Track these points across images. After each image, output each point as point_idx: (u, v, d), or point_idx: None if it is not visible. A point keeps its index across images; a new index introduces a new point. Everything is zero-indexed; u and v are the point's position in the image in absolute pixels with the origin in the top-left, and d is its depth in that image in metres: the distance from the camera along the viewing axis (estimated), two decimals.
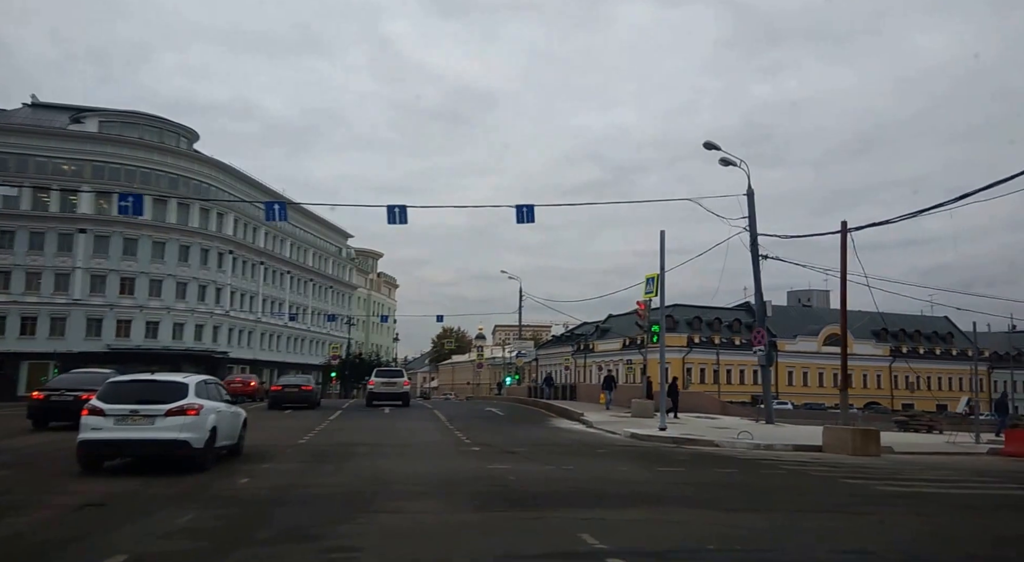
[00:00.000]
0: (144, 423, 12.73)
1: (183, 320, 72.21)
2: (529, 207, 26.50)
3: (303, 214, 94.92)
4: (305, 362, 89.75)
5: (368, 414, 31.40)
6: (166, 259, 71.27)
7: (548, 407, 35.67)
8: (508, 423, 27.61)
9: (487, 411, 34.28)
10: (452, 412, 32.59)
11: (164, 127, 74.26)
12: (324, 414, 30.15)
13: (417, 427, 24.89)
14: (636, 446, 20.36)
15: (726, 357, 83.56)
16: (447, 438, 21.15)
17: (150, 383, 13.98)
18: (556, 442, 20.83)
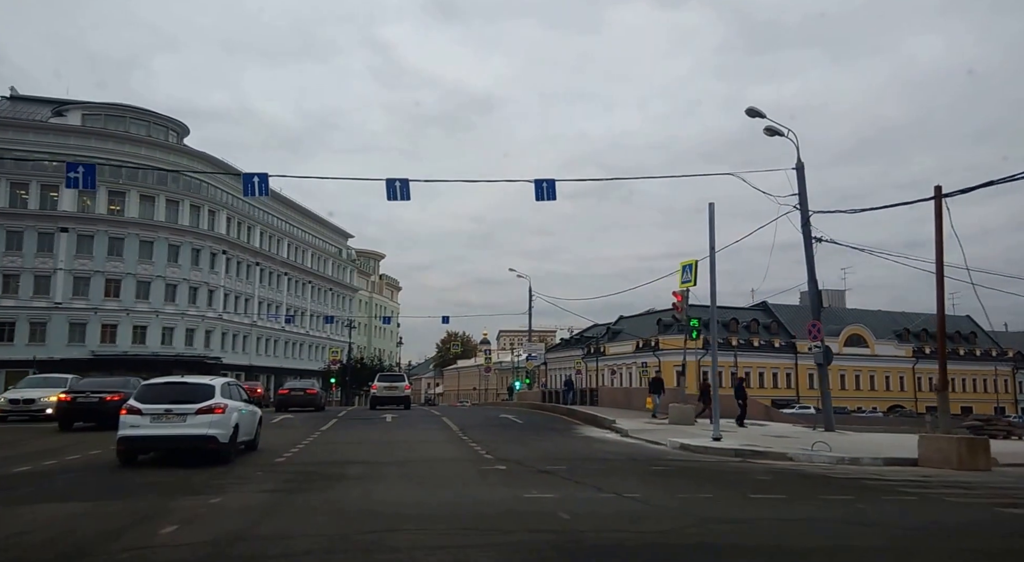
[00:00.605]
0: (177, 421, 14.17)
1: (173, 324, 68.35)
2: (550, 182, 23.00)
3: (301, 213, 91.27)
4: (303, 367, 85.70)
5: (368, 422, 27.60)
6: (154, 259, 67.42)
7: (570, 413, 31.74)
8: (531, 432, 23.68)
9: (502, 418, 30.31)
10: (463, 420, 28.65)
11: (152, 120, 70.53)
12: (318, 422, 26.41)
13: (425, 438, 21.04)
14: (696, 461, 16.42)
15: (744, 359, 79.58)
16: (462, 452, 17.25)
17: (181, 385, 15.33)
18: (597, 456, 16.90)
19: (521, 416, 31.69)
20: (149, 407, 14.18)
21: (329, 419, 28.78)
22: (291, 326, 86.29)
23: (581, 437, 22.29)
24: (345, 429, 24.08)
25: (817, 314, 25.98)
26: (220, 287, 72.69)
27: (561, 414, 32.61)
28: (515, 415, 32.43)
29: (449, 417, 30.27)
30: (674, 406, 26.03)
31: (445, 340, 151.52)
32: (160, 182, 68.70)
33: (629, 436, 22.14)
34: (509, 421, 28.92)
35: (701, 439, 19.84)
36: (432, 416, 32.15)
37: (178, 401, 14.42)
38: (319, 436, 21.08)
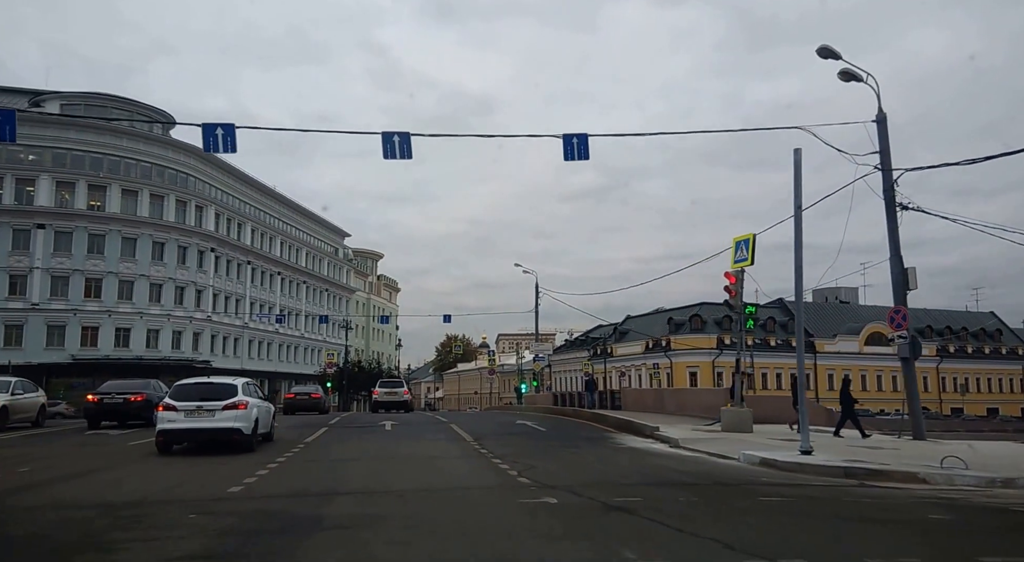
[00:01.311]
0: (206, 416, 16.35)
1: (158, 326, 64.02)
2: (582, 137, 18.95)
3: (295, 210, 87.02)
4: (298, 371, 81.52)
5: (364, 431, 23.34)
6: (138, 257, 63.14)
7: (598, 418, 27.33)
8: (562, 443, 19.35)
9: (521, 425, 25.99)
10: (475, 427, 24.36)
11: (135, 110, 66.11)
12: (305, 431, 22.14)
13: (435, 452, 16.75)
14: (805, 485, 12.03)
15: (761, 359, 75.23)
16: (488, 474, 12.89)
17: (209, 385, 17.65)
18: (667, 479, 12.49)
19: (541, 422, 27.33)
20: (183, 404, 16.34)
21: (320, 426, 24.56)
22: (285, 328, 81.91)
23: (625, 449, 17.93)
24: (337, 440, 19.84)
25: (902, 298, 21.47)
26: (209, 287, 68.40)
27: (586, 420, 28.24)
28: (533, 421, 28.08)
29: (458, 424, 25.94)
30: (728, 410, 21.62)
31: (445, 343, 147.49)
32: (144, 175, 64.44)
33: (682, 447, 17.81)
34: (529, 429, 24.59)
35: (782, 452, 15.55)
36: (438, 423, 27.81)
37: (207, 399, 16.52)
38: (301, 450, 16.82)
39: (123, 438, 20.29)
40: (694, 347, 74.77)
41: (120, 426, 23.56)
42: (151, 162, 64.91)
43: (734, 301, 21.49)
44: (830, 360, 79.16)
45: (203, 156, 69.48)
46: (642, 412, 30.36)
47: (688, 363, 75.97)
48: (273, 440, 18.88)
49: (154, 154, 65.12)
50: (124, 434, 21.39)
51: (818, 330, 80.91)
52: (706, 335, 76.21)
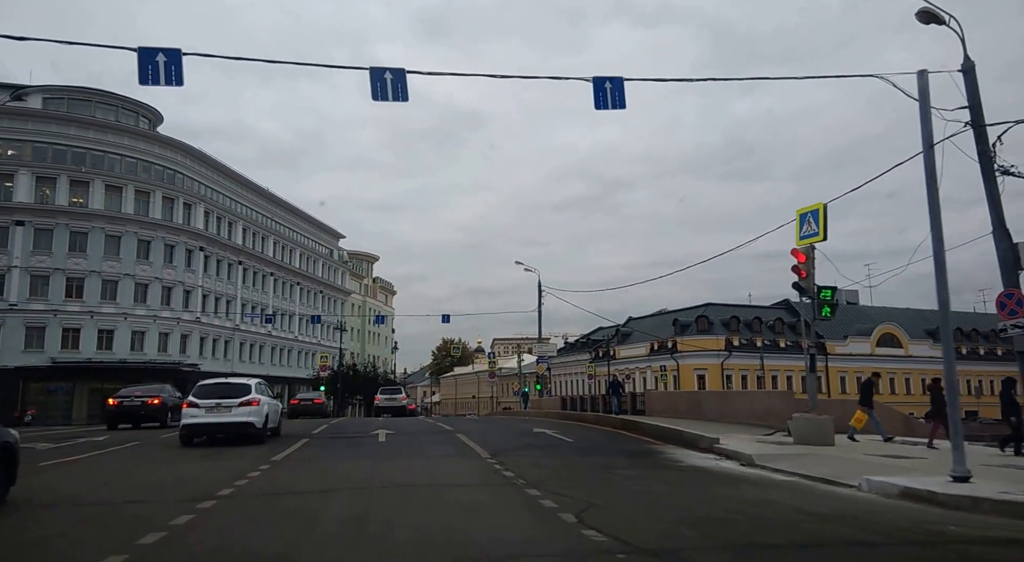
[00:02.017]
0: (224, 412, 18.27)
1: (144, 328, 59.33)
2: (616, 81, 14.50)
3: (288, 210, 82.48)
4: (291, 375, 76.94)
5: (352, 443, 19.25)
6: (122, 256, 58.46)
7: (630, 426, 22.71)
8: (604, 461, 14.84)
9: (541, 435, 21.43)
10: (486, 437, 19.91)
11: (121, 105, 61.56)
12: (277, 445, 17.91)
13: (442, 477, 12.21)
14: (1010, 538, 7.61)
15: (771, 362, 70.78)
16: (527, 518, 8.33)
17: (227, 384, 19.84)
18: (818, 535, 7.88)
19: (562, 431, 22.74)
20: (204, 401, 18.45)
21: (300, 437, 20.11)
22: (278, 330, 77.26)
23: (692, 471, 13.39)
24: (314, 458, 15.36)
25: (1013, 279, 16.96)
26: (197, 287, 63.75)
27: (615, 427, 23.68)
28: (553, 429, 23.52)
29: (465, 433, 21.40)
30: (803, 418, 17.04)
31: (441, 347, 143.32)
32: (129, 171, 59.78)
33: (764, 467, 13.34)
34: (553, 439, 20.08)
35: (920, 477, 11.15)
36: (442, 432, 23.24)
37: (225, 397, 18.61)
38: (264, 473, 12.31)
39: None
40: (702, 349, 70.31)
41: (134, 428, 24.02)
42: (136, 157, 60.32)
43: (805, 283, 17.02)
44: (841, 362, 74.75)
45: (192, 153, 65.25)
46: (674, 417, 25.91)
47: (696, 365, 71.50)
48: (280, 435, 20.70)
49: (140, 149, 60.53)
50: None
51: (827, 331, 76.22)
52: (713, 336, 71.77)
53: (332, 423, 30.54)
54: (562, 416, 31.38)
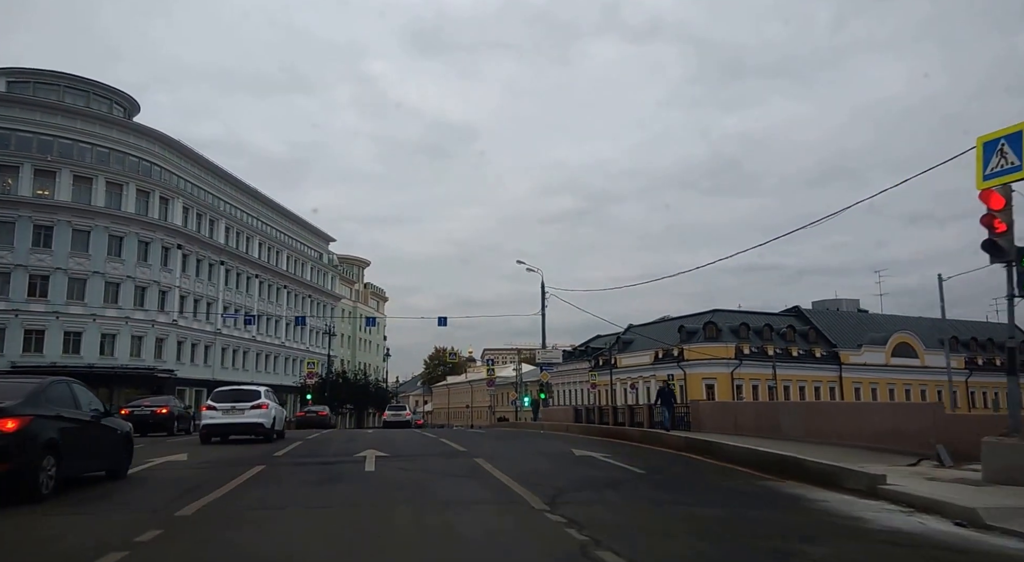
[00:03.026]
0: (238, 413, 21.03)
1: (114, 330, 53.24)
2: None
3: (275, 210, 76.53)
4: (277, 383, 70.01)
5: (325, 475, 12.91)
6: (91, 252, 52.43)
7: (701, 448, 16.57)
8: (725, 513, 9.02)
9: (590, 461, 15.50)
10: (519, 464, 14.21)
11: (93, 90, 55.70)
12: (210, 478, 11.95)
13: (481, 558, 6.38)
14: None
15: (783, 371, 65.09)
16: None
17: (239, 390, 22.84)
18: None
19: (613, 454, 16.67)
20: (221, 405, 21.29)
21: (253, 463, 14.24)
22: (263, 335, 71.16)
23: (907, 543, 7.55)
24: (255, 507, 9.39)
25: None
26: (175, 287, 57.66)
27: (679, 449, 17.72)
28: (598, 450, 17.60)
29: (486, 457, 15.42)
30: (1003, 445, 11.03)
31: (433, 356, 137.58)
32: (100, 161, 53.84)
33: (1009, 531, 7.59)
34: (615, 470, 14.09)
35: None
36: (451, 453, 17.28)
37: (239, 401, 21.43)
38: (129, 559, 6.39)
39: None
40: (712, 357, 64.43)
41: (141, 435, 23.22)
42: (108, 147, 54.35)
43: (1003, 239, 11.08)
44: (856, 373, 69.03)
45: (170, 144, 59.37)
46: (734, 434, 20.07)
47: (704, 375, 65.68)
48: (284, 437, 23.14)
49: (112, 138, 54.58)
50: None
51: (840, 340, 70.94)
52: (723, 344, 65.94)
53: (311, 437, 24.62)
54: (587, 429, 25.50)
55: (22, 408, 9.44)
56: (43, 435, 9.61)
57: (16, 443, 9.11)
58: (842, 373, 68.68)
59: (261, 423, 21.14)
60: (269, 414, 21.59)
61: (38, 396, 10.06)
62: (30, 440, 9.34)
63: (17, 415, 9.26)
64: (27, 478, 9.28)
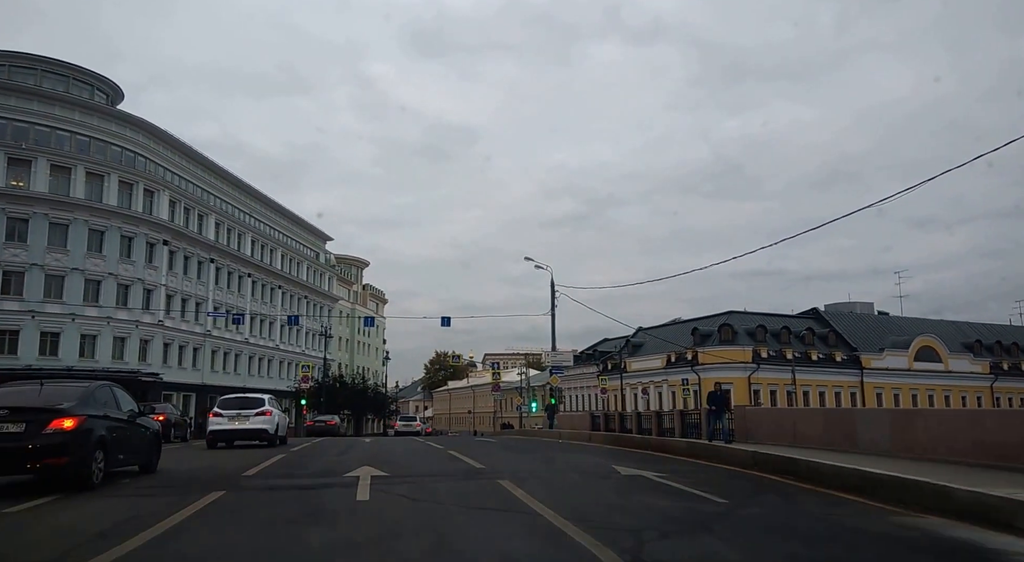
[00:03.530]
0: (243, 420, 22.34)
1: (95, 331, 49.57)
2: None
3: (269, 207, 72.87)
4: (271, 388, 66.16)
5: (299, 508, 9.33)
6: (70, 247, 48.75)
7: (777, 467, 12.96)
8: None
9: (645, 483, 11.96)
10: (560, 489, 10.69)
11: (73, 76, 52.07)
12: (141, 511, 8.67)
13: None
14: None
15: (803, 376, 61.45)
16: None
17: (244, 398, 24.22)
18: None
19: (670, 474, 13.02)
20: (227, 412, 22.60)
21: (214, 487, 10.72)
22: (256, 337, 67.49)
23: None
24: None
25: None
26: (160, 285, 53.97)
27: (744, 467, 14.14)
28: (646, 468, 13.80)
29: (513, 477, 11.76)
30: None
31: (434, 360, 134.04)
32: (80, 150, 50.17)
33: None
34: (685, 496, 10.37)
35: None
36: (466, 471, 13.55)
37: (244, 408, 22.75)
38: None
39: None
40: (728, 360, 60.80)
41: None
42: (89, 135, 50.72)
43: None
44: (878, 378, 65.37)
45: (156, 133, 55.74)
46: (796, 446, 16.50)
47: (719, 379, 61.07)
48: (287, 443, 24.30)
49: (93, 126, 50.94)
50: None
51: (861, 344, 67.33)
52: (739, 347, 62.32)
53: (297, 449, 21.11)
54: (615, 439, 21.88)
55: (78, 409, 10.64)
56: (94, 433, 10.87)
57: (74, 440, 10.34)
58: (863, 378, 65.07)
59: (265, 429, 22.63)
60: (273, 421, 23.19)
61: (88, 398, 11.28)
62: (84, 437, 10.57)
63: (74, 415, 10.45)
64: (82, 470, 10.51)
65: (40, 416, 10.26)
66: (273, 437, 22.81)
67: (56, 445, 10.10)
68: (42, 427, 10.14)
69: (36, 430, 10.11)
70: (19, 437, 10.03)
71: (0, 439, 9.99)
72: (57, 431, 10.16)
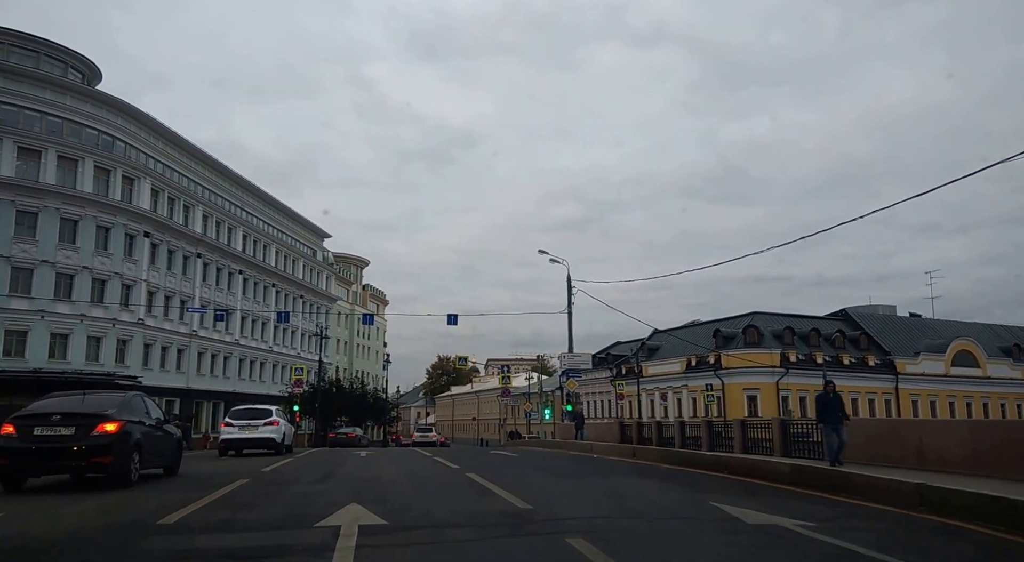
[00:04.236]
0: (252, 429, 23.99)
1: (67, 329, 44.90)
2: None
3: (262, 200, 68.23)
4: (264, 393, 61.72)
5: None
6: (39, 237, 44.08)
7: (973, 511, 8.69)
8: None
9: (780, 535, 7.70)
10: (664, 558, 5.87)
11: (45, 52, 47.46)
12: None
13: None
14: None
15: (835, 381, 56.65)
16: None
17: (253, 409, 25.96)
18: None
19: (798, 514, 8.53)
20: (237, 421, 24.33)
21: (96, 550, 6.62)
22: (247, 339, 62.81)
23: None
24: None
25: None
26: (140, 281, 49.24)
27: (909, 507, 9.51)
28: (773, 511, 9.10)
29: (581, 530, 7.11)
30: None
31: (436, 365, 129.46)
32: (52, 132, 45.58)
33: None
34: None
35: None
36: (505, 515, 8.74)
37: (253, 418, 24.43)
38: None
39: None
40: (754, 364, 56.10)
41: None
42: (61, 116, 46.09)
43: None
44: (913, 383, 60.69)
45: (136, 117, 51.04)
46: (919, 469, 11.89)
47: (745, 385, 57.40)
48: (292, 451, 26.24)
49: (66, 106, 46.26)
50: None
51: (895, 348, 62.64)
52: (766, 350, 57.67)
53: (268, 470, 16.55)
54: (675, 458, 16.90)
55: (118, 414, 12.25)
56: (132, 436, 12.48)
57: (116, 441, 11.91)
58: (898, 384, 60.40)
59: (272, 438, 24.28)
60: (280, 430, 24.93)
61: (126, 406, 12.88)
62: (125, 439, 12.17)
63: (117, 420, 12.07)
64: (123, 468, 12.14)
65: (87, 420, 11.73)
66: (280, 445, 24.65)
67: (102, 446, 11.54)
68: (89, 430, 11.57)
69: (84, 433, 11.53)
70: (70, 439, 11.42)
71: (55, 440, 11.28)
72: (102, 433, 11.62)
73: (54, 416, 11.74)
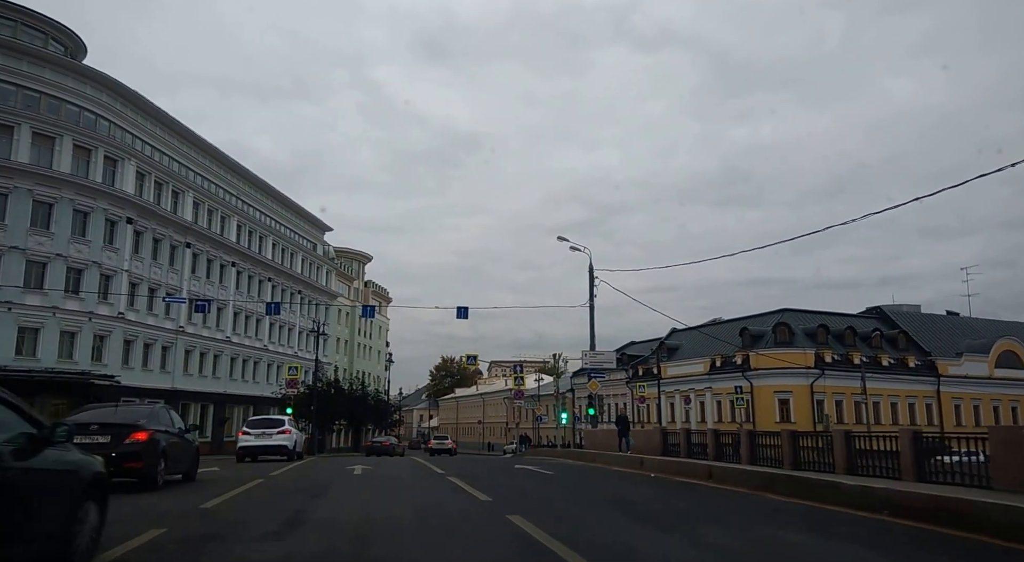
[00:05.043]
0: (267, 437, 26.79)
1: (37, 323, 40.64)
2: None
3: (258, 188, 63.99)
4: (258, 394, 58.02)
5: None
6: (9, 222, 39.86)
7: None
8: None
9: None
10: None
11: (22, 21, 43.29)
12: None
13: None
14: None
15: (873, 384, 52.00)
16: None
17: (268, 419, 30.22)
18: None
19: None
20: (254, 430, 27.38)
21: None
22: (239, 336, 58.52)
23: None
24: None
25: None
26: (121, 271, 44.98)
27: None
28: None
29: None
30: None
31: (440, 366, 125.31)
32: (28, 106, 41.40)
33: None
34: None
35: None
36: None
37: (268, 427, 27.58)
38: None
39: None
40: (787, 365, 51.73)
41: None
42: (38, 90, 41.94)
43: None
44: (956, 386, 56.36)
45: (122, 93, 46.78)
46: None
47: (776, 387, 53.07)
48: (303, 458, 28.86)
49: (44, 79, 42.12)
50: None
51: (935, 348, 58.33)
52: (799, 350, 53.31)
53: (264, 482, 12.66)
54: (800, 489, 12.48)
55: (148, 424, 13.60)
56: (160, 444, 13.69)
57: (146, 449, 13.22)
58: (940, 386, 56.06)
59: (285, 445, 26.89)
60: (292, 438, 27.75)
61: (153, 417, 14.24)
62: (154, 447, 13.46)
63: (147, 429, 13.41)
64: (152, 473, 13.36)
65: (121, 430, 13.22)
66: (292, 452, 27.28)
67: (134, 452, 13.01)
68: (123, 439, 13.04)
69: (118, 441, 12.97)
70: (106, 446, 12.53)
71: (93, 448, 11.36)
72: (135, 442, 13.09)
73: (92, 426, 13.02)
